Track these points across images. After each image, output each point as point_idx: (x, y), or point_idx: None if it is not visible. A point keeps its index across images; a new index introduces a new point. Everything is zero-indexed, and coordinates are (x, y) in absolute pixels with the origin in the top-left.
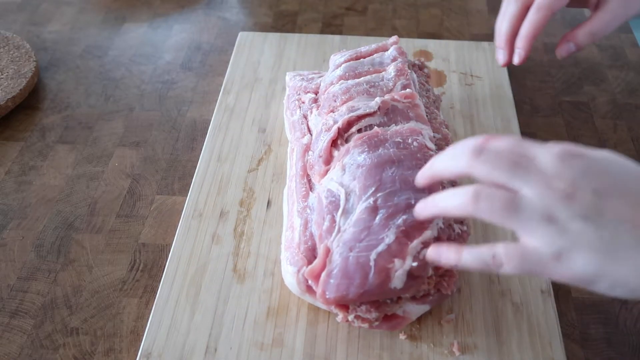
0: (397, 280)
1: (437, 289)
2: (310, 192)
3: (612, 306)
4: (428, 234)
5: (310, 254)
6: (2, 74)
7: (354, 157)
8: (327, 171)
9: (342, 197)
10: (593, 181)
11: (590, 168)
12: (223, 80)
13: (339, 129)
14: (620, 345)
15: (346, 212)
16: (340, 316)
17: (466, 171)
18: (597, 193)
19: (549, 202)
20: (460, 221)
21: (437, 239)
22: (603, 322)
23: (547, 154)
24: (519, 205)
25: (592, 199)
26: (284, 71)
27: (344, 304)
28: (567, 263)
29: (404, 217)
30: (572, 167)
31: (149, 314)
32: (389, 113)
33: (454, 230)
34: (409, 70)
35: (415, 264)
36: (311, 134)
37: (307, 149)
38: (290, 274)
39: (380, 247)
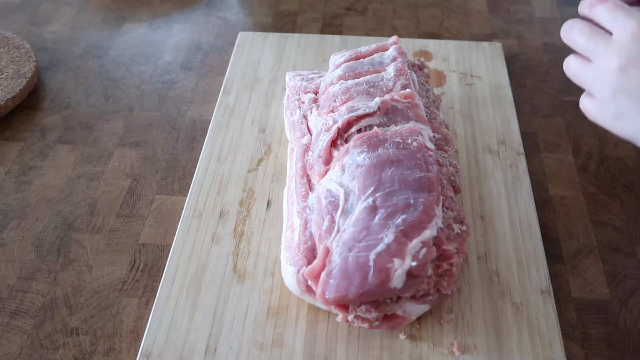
0: (397, 280)
1: (436, 289)
2: (310, 192)
3: (612, 306)
4: (427, 233)
5: (310, 254)
6: (2, 74)
7: (354, 157)
8: (326, 171)
9: (342, 197)
10: None
11: None
12: (223, 80)
13: (338, 129)
14: (620, 345)
15: (345, 212)
16: (340, 316)
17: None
18: None
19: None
20: (460, 221)
21: (437, 239)
22: (603, 322)
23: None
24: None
25: None
26: (284, 71)
27: (343, 304)
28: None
29: (403, 216)
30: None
31: (149, 314)
32: (389, 113)
33: (454, 230)
34: (409, 70)
35: (414, 263)
36: (311, 134)
37: (306, 149)
38: (290, 274)
39: (380, 247)
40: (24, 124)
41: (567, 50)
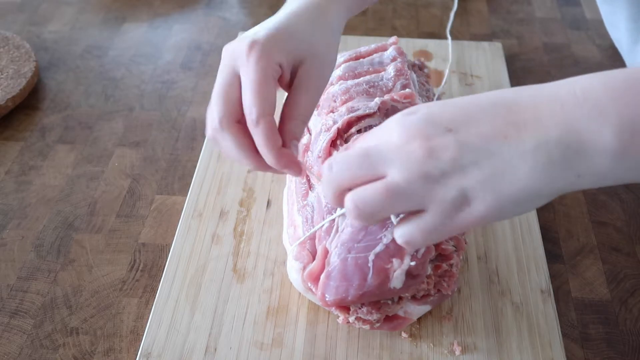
0: (396, 280)
1: (437, 289)
2: (310, 192)
3: (612, 306)
4: None
5: (316, 250)
6: (2, 74)
7: None
8: None
9: None
10: (440, 122)
11: (431, 113)
12: None
13: (338, 129)
14: (620, 345)
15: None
16: (341, 318)
17: (335, 193)
18: (451, 130)
19: (417, 168)
20: None
21: None
22: (603, 322)
23: (387, 128)
24: (395, 187)
25: (450, 138)
26: None
27: (344, 306)
28: (467, 211)
29: (402, 216)
30: (413, 123)
31: (149, 313)
32: (389, 114)
33: None
34: (409, 71)
35: (413, 263)
36: (310, 134)
37: (306, 149)
38: (295, 269)
39: (379, 248)
40: (24, 124)
41: (567, 50)
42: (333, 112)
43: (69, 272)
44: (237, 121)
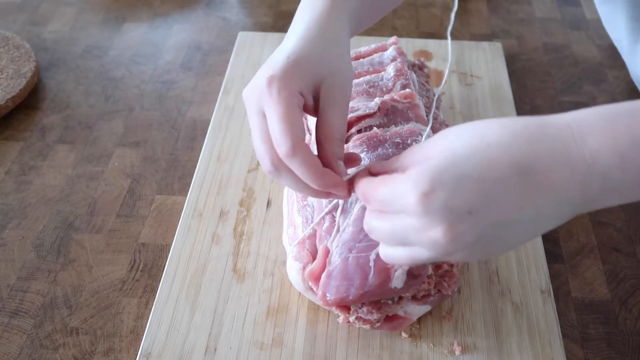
0: (397, 280)
1: (437, 289)
2: None
3: (612, 306)
4: None
5: (315, 251)
6: (2, 74)
7: None
8: None
9: None
10: (460, 207)
11: (451, 197)
12: (223, 80)
13: None
14: (620, 345)
15: (345, 212)
16: (341, 317)
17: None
18: (471, 212)
19: (442, 250)
20: None
21: None
22: (603, 322)
23: (407, 202)
24: (420, 258)
25: (472, 223)
26: None
27: (345, 305)
28: (484, 257)
29: None
30: (435, 211)
31: (149, 313)
32: (389, 114)
33: None
34: (409, 71)
35: None
36: (310, 134)
37: None
38: (295, 270)
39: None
40: (24, 124)
41: (567, 50)
42: None
43: (69, 272)
44: None
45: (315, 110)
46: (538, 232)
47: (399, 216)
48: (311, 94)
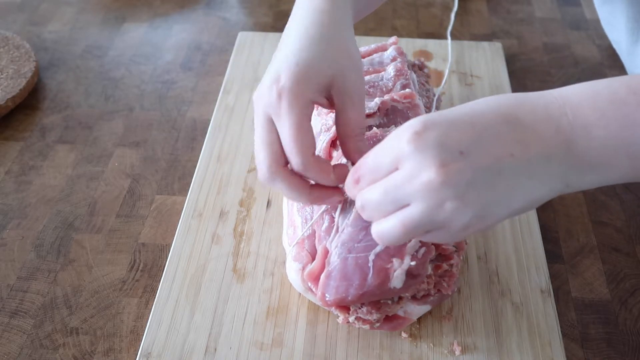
0: (396, 280)
1: (437, 289)
2: None
3: (612, 306)
4: None
5: (315, 251)
6: (2, 74)
7: None
8: None
9: None
10: (453, 145)
11: (444, 136)
12: (223, 80)
13: None
14: (620, 345)
15: (345, 212)
16: (341, 318)
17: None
18: (463, 152)
19: (435, 196)
20: None
21: None
22: (603, 322)
23: (400, 150)
24: (411, 221)
25: (465, 162)
26: None
27: (344, 306)
28: (478, 225)
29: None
30: (427, 148)
31: (149, 313)
32: (389, 114)
33: None
34: (409, 71)
35: (413, 263)
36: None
37: None
38: (294, 270)
39: (379, 247)
40: (24, 124)
41: (567, 50)
42: (333, 112)
43: (69, 272)
44: (285, 164)
45: (331, 106)
46: (531, 195)
47: (390, 176)
48: (323, 96)
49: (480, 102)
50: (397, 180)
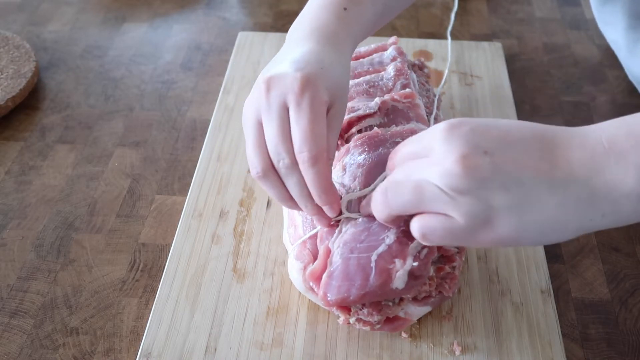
0: (399, 280)
1: (438, 291)
2: None
3: (612, 306)
4: None
5: (317, 250)
6: (2, 74)
7: (354, 157)
8: None
9: None
10: (479, 143)
11: (473, 132)
12: (223, 80)
13: None
14: (620, 345)
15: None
16: (341, 319)
17: (389, 215)
18: (487, 152)
19: (450, 180)
20: None
21: None
22: (603, 322)
23: (433, 137)
24: (424, 190)
25: (486, 160)
26: None
27: (345, 306)
28: (490, 229)
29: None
30: (455, 139)
31: (149, 313)
32: (389, 113)
33: None
34: (409, 70)
35: (416, 264)
36: None
37: None
38: (296, 269)
39: (381, 248)
40: (24, 124)
41: (567, 50)
42: None
43: (69, 272)
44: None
45: None
46: (550, 212)
47: (417, 160)
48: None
49: (518, 121)
50: (420, 164)
